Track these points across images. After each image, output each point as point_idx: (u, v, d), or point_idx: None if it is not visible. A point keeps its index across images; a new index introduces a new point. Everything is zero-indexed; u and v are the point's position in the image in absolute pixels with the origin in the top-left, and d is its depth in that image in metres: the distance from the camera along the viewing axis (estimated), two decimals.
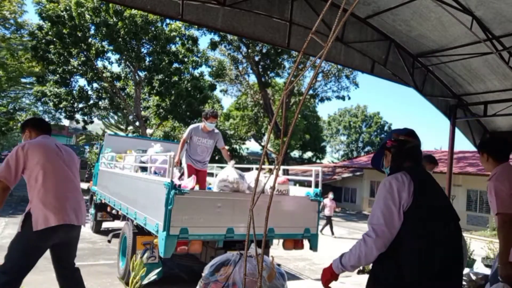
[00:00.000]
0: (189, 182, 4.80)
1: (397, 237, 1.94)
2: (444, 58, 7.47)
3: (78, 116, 22.21)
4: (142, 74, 21.70)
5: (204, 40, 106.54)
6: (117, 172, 7.13)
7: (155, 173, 5.97)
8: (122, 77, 22.37)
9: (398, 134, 2.22)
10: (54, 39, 18.71)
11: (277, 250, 5.98)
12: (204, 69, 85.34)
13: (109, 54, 20.66)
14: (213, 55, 23.74)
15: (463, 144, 51.41)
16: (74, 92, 21.05)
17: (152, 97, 22.22)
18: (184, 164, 5.77)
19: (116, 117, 33.92)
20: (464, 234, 14.04)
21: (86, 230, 9.45)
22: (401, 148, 2.17)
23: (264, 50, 21.53)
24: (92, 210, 9.53)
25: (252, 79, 25.90)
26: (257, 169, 5.50)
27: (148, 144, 8.78)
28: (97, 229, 9.24)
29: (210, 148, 5.89)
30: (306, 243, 5.25)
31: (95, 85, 21.83)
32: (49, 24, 18.43)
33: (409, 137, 2.19)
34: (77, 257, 6.84)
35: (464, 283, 5.31)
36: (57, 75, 20.30)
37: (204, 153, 5.85)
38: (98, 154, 10.40)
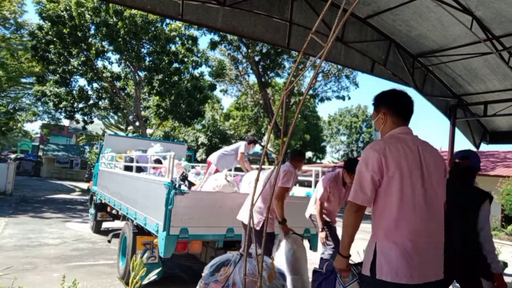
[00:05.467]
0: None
1: None
2: (444, 58, 7.47)
3: (78, 116, 22.17)
4: (142, 74, 21.69)
5: (204, 40, 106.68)
6: (117, 172, 7.13)
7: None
8: (122, 77, 22.35)
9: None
10: (54, 39, 18.69)
11: None
12: (204, 69, 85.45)
13: (109, 54, 20.66)
14: (213, 55, 23.73)
15: (463, 144, 51.46)
16: (74, 92, 21.02)
17: (152, 97, 22.21)
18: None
19: (116, 117, 33.91)
20: None
21: (86, 230, 9.45)
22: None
23: (264, 50, 21.51)
24: (92, 210, 9.53)
25: (252, 79, 25.91)
26: (257, 169, 5.52)
27: (148, 144, 8.78)
28: (97, 229, 9.24)
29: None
30: (306, 243, 5.24)
31: (95, 85, 21.81)
32: (49, 24, 18.42)
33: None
34: (77, 257, 6.87)
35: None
36: (57, 75, 20.28)
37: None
38: (98, 154, 10.40)
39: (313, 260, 8.05)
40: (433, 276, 2.05)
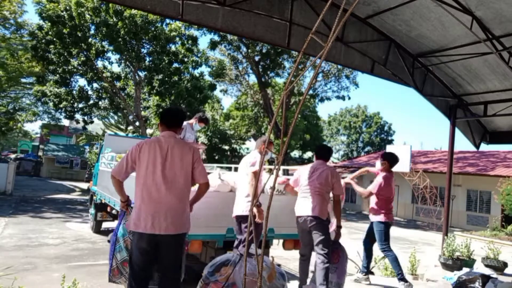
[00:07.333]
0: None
1: None
2: (444, 58, 7.47)
3: (78, 116, 22.17)
4: (142, 74, 21.69)
5: (204, 40, 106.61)
6: None
7: None
8: (122, 77, 22.35)
9: None
10: (54, 39, 18.69)
11: (277, 250, 5.97)
12: (204, 69, 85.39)
13: (109, 54, 20.67)
14: (213, 55, 23.75)
15: (463, 144, 51.54)
16: (74, 92, 21.03)
17: (152, 97, 22.21)
18: None
19: (116, 117, 33.92)
20: (464, 234, 13.92)
21: (86, 230, 9.45)
22: None
23: (264, 50, 21.51)
24: (92, 210, 9.53)
25: (252, 79, 25.92)
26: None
27: None
28: (97, 229, 9.24)
29: None
30: None
31: (95, 85, 21.82)
32: (49, 24, 18.42)
33: None
34: (77, 257, 6.87)
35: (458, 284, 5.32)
36: (57, 75, 20.28)
37: None
38: (98, 154, 10.40)
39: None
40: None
